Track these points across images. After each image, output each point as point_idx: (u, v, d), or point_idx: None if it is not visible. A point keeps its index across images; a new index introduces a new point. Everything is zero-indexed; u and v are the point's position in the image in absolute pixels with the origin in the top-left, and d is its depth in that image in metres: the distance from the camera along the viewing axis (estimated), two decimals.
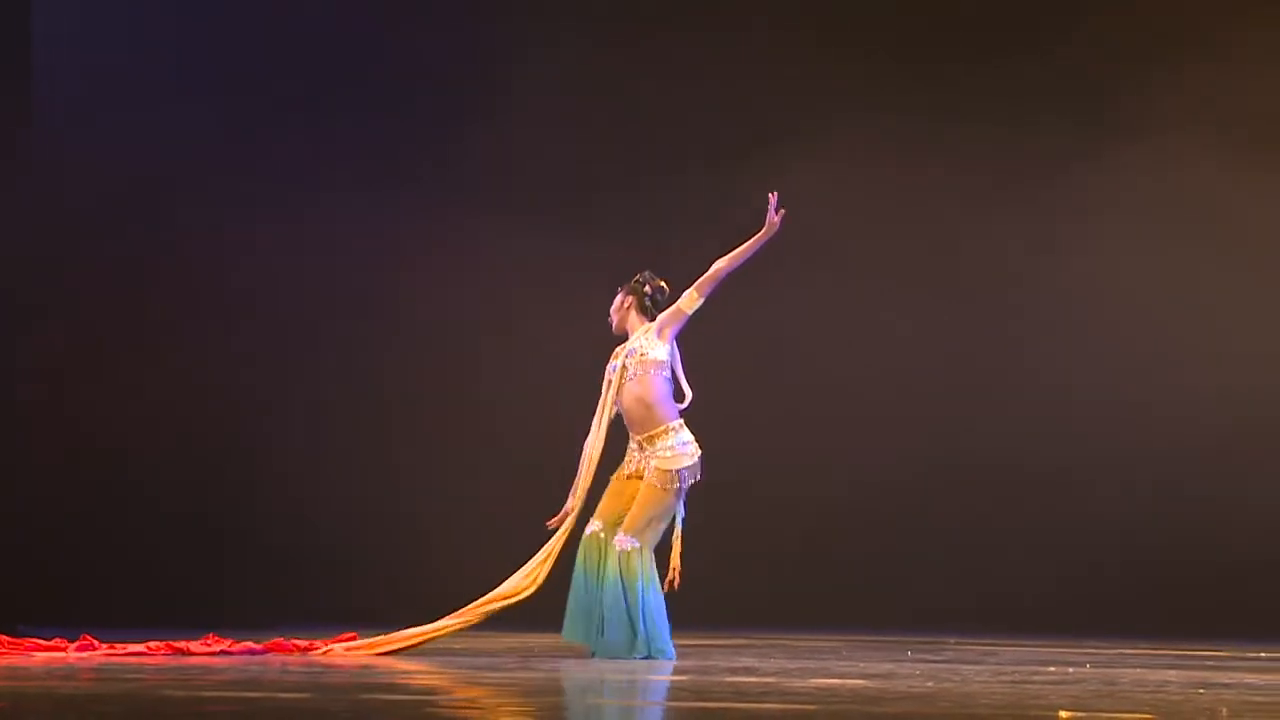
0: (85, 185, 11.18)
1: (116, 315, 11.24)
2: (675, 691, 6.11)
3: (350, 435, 11.49)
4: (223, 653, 7.53)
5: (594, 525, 7.87)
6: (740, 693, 6.07)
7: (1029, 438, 11.37)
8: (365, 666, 7.03)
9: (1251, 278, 11.42)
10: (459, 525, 11.26)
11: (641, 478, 7.86)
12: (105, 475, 11.08)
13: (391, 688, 6.09)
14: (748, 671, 7.01)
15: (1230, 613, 10.67)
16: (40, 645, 7.53)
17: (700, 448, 7.88)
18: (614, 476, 7.97)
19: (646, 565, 7.78)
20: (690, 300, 7.90)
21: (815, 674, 6.87)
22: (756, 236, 7.91)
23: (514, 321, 11.59)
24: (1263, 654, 8.73)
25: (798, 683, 6.47)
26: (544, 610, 8.09)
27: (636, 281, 8.10)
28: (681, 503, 7.88)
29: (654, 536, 7.83)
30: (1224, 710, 5.46)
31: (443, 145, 11.65)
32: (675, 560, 7.84)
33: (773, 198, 7.92)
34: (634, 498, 7.84)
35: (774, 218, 7.91)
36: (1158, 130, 11.42)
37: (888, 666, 7.39)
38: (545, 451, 11.12)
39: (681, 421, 7.91)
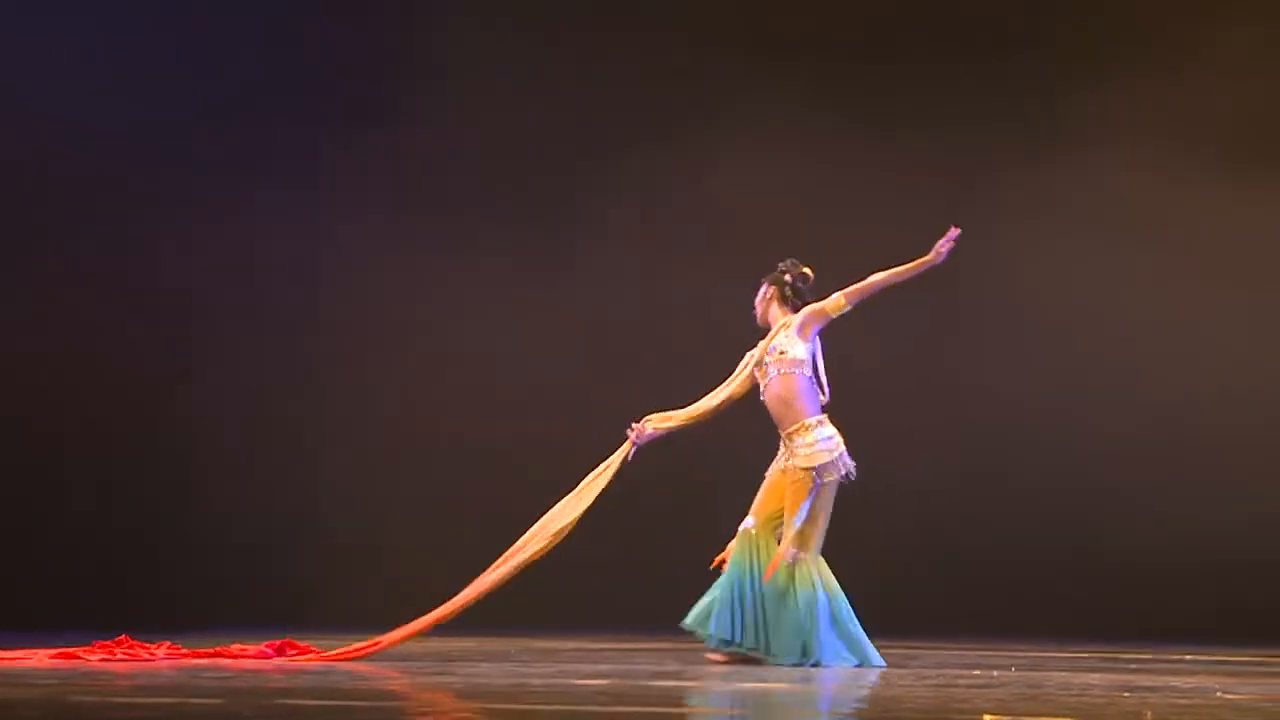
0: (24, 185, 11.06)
1: (46, 315, 11.12)
2: (594, 695, 6.03)
3: (284, 438, 11.39)
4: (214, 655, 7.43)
5: (748, 522, 7.81)
6: (663, 696, 6.02)
7: (955, 440, 11.38)
8: (280, 670, 6.94)
9: (1201, 284, 11.48)
10: (398, 529, 11.23)
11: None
12: (37, 476, 10.97)
13: (302, 691, 6.00)
14: (671, 675, 6.95)
15: (1153, 616, 10.71)
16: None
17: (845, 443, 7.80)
18: (769, 471, 7.90)
19: (815, 572, 7.67)
20: (836, 305, 7.83)
21: (741, 678, 6.83)
22: (920, 260, 7.79)
23: (447, 321, 11.54)
24: (1187, 656, 8.75)
25: (722, 686, 6.43)
26: (471, 614, 8.00)
27: (779, 270, 8.03)
28: (830, 499, 7.75)
29: (815, 540, 7.73)
30: (1148, 713, 5.46)
31: (366, 144, 11.55)
32: (784, 546, 7.68)
33: (953, 230, 7.76)
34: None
35: (942, 248, 7.77)
36: (1109, 137, 11.48)
37: (813, 670, 7.36)
38: (488, 453, 11.12)
39: (823, 417, 7.83)
